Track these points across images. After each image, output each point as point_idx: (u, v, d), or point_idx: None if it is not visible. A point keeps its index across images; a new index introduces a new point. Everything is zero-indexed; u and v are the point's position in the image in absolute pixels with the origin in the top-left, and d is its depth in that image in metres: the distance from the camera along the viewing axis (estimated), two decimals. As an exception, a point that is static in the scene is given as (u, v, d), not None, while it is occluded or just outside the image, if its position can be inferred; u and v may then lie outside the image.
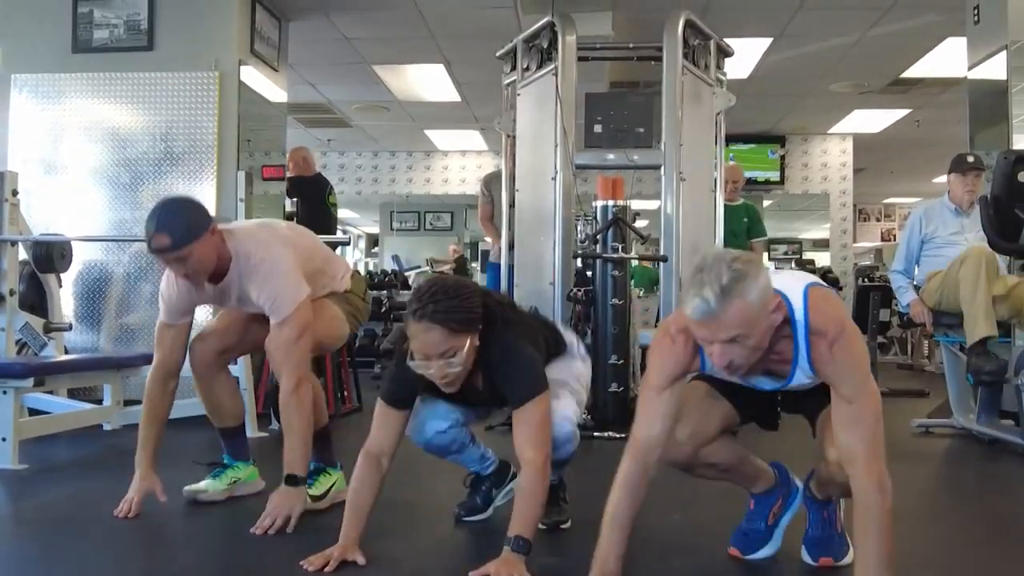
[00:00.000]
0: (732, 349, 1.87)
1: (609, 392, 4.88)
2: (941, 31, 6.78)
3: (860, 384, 1.93)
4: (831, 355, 1.94)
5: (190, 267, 2.66)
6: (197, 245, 2.63)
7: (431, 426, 2.65)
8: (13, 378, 3.60)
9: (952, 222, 4.86)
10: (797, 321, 1.97)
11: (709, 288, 1.80)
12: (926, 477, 3.96)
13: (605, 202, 5.03)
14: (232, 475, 3.10)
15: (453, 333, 2.25)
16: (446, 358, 2.27)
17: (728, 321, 1.82)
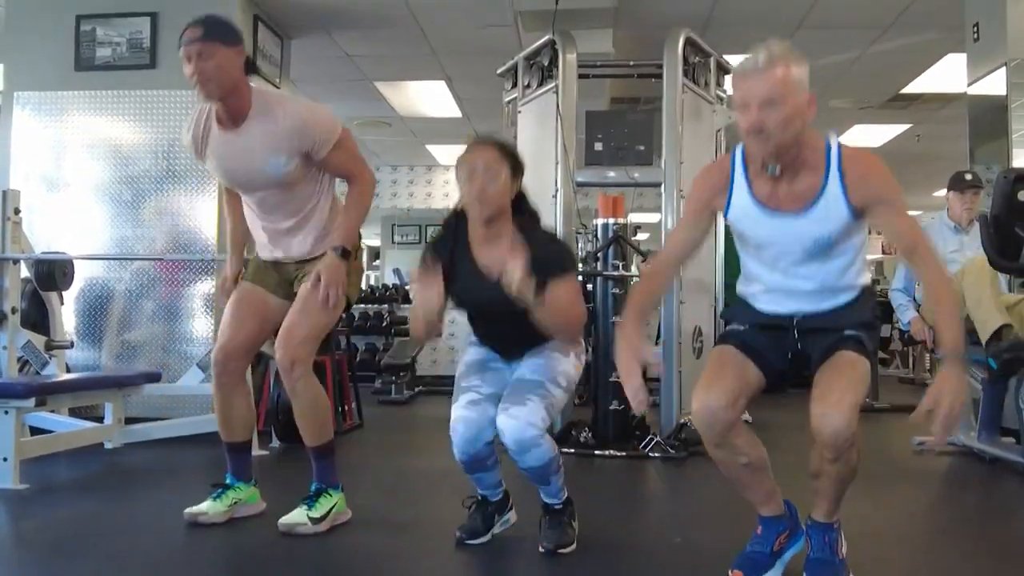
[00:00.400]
0: (766, 112, 2.07)
1: (610, 410, 4.89)
2: (941, 48, 6.79)
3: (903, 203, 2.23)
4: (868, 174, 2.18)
5: (211, 67, 2.71)
6: (225, 50, 2.73)
7: (483, 437, 2.63)
8: (15, 398, 3.61)
9: (952, 239, 4.88)
10: (831, 149, 2.20)
11: (762, 53, 2.09)
12: (927, 497, 3.95)
13: (606, 220, 5.05)
14: (233, 496, 3.10)
15: (502, 156, 2.62)
16: (490, 175, 2.58)
17: (769, 78, 2.06)
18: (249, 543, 2.76)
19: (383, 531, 2.51)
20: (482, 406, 2.63)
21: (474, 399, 2.65)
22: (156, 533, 2.90)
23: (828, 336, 2.29)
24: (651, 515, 3.73)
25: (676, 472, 4.43)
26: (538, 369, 2.67)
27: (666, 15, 6.08)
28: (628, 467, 4.54)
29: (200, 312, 5.57)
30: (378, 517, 3.20)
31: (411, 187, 11.55)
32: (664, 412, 5.03)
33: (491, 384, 2.70)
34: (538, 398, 2.58)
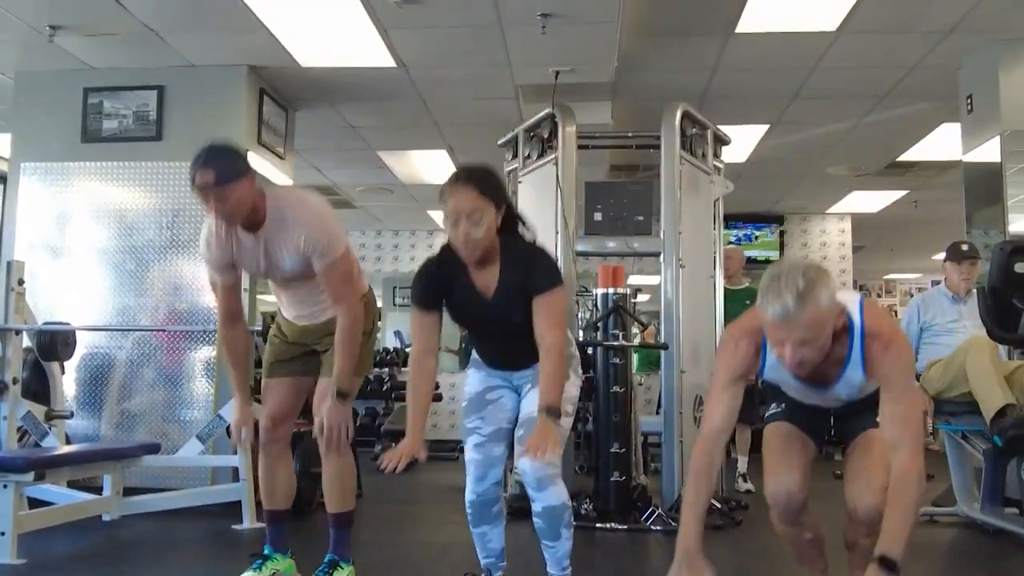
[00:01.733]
0: (802, 349, 2.14)
1: (611, 482, 4.86)
2: (935, 117, 6.89)
3: (908, 385, 2.25)
4: (884, 355, 2.22)
5: (229, 205, 2.77)
6: (238, 185, 2.77)
7: (491, 475, 2.81)
8: (14, 472, 3.61)
9: (950, 309, 4.90)
10: (855, 324, 2.26)
11: (788, 293, 2.08)
12: (930, 571, 3.90)
13: (606, 290, 5.08)
14: (272, 567, 3.17)
15: (483, 196, 2.59)
16: (472, 219, 2.57)
17: (803, 322, 2.10)
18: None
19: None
20: (487, 447, 2.82)
21: (478, 442, 2.84)
22: None
23: (864, 417, 2.46)
24: None
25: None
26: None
27: (663, 88, 6.18)
28: (630, 540, 4.50)
29: (200, 382, 5.58)
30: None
31: (412, 251, 11.63)
32: (665, 483, 5.01)
33: (491, 422, 2.85)
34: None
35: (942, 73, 5.88)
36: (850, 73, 6.02)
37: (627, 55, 5.63)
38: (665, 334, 5.14)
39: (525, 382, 2.83)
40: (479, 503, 2.81)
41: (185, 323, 5.55)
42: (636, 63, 5.82)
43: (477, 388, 2.91)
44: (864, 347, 2.25)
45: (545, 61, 5.66)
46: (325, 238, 2.91)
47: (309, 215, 2.93)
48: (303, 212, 2.93)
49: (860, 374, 2.29)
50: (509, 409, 2.87)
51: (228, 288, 3.08)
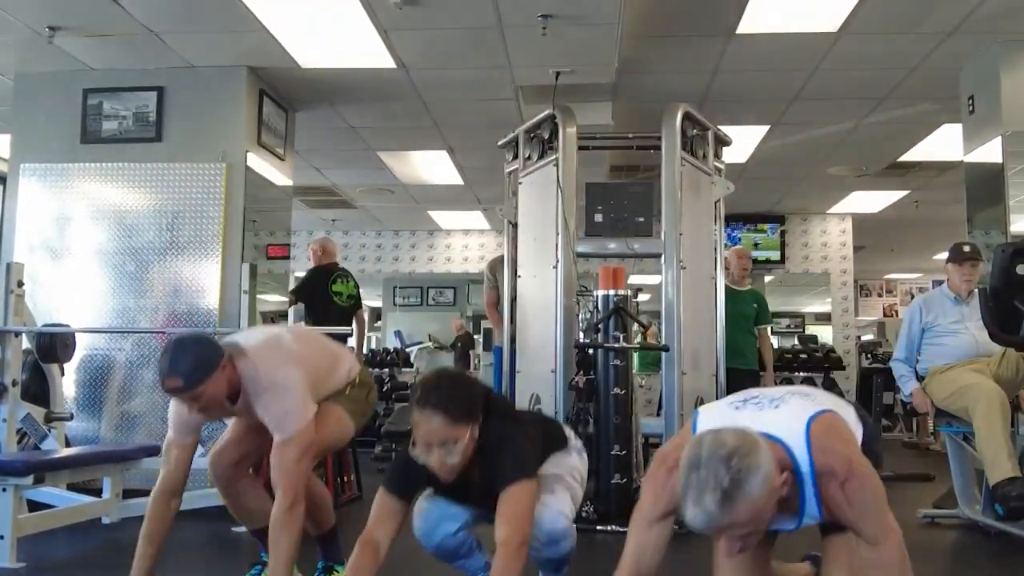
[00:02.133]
0: (740, 540, 1.85)
1: (612, 483, 4.85)
2: (936, 118, 6.89)
3: (881, 524, 1.91)
4: (845, 496, 1.91)
5: (203, 404, 2.73)
6: (209, 383, 2.69)
7: (442, 529, 2.69)
8: (14, 475, 3.61)
9: (952, 311, 4.89)
10: (803, 472, 1.93)
11: (710, 495, 1.75)
12: (932, 573, 3.90)
13: (606, 291, 5.06)
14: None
15: (454, 422, 2.38)
16: (446, 447, 2.39)
17: (735, 522, 1.78)
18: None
19: None
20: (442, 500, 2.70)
21: (430, 494, 2.72)
22: None
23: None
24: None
25: (679, 548, 4.35)
26: (557, 464, 2.72)
27: (664, 89, 6.19)
28: (630, 542, 4.49)
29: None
30: None
31: (413, 251, 11.64)
32: (666, 485, 5.00)
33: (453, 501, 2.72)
34: (563, 488, 2.65)
35: (943, 74, 5.88)
36: (851, 74, 6.01)
37: (628, 56, 5.63)
38: (666, 336, 5.13)
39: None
40: (437, 553, 2.74)
41: (185, 325, 5.55)
42: (637, 64, 5.82)
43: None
44: (819, 492, 1.96)
45: (545, 62, 5.66)
46: (281, 415, 2.82)
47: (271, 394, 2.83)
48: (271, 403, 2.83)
49: (820, 517, 2.01)
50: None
51: (185, 448, 2.94)
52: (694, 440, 1.85)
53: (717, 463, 1.75)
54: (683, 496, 1.81)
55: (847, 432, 2.04)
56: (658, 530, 2.07)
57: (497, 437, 2.51)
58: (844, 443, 1.99)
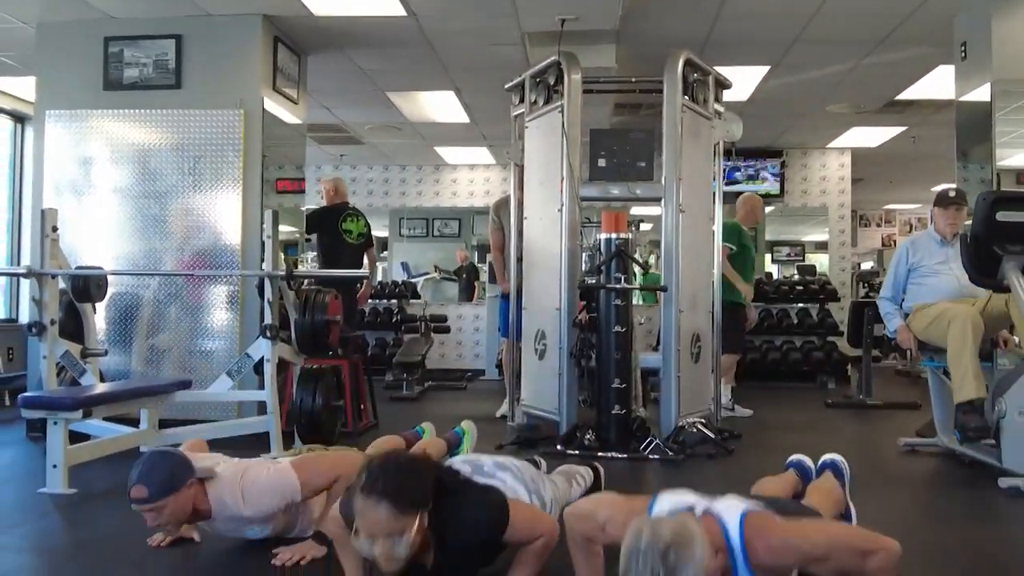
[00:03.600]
0: None
1: (612, 414, 5.17)
2: (932, 60, 7.04)
3: (824, 545, 2.07)
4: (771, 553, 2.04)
5: (164, 517, 2.80)
6: (173, 498, 2.76)
7: None
8: (63, 410, 3.92)
9: (937, 252, 5.13)
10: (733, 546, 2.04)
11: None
12: (907, 500, 4.23)
13: (608, 235, 5.31)
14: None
15: (401, 512, 2.21)
16: (392, 538, 2.21)
17: None
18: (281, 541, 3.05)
19: None
20: None
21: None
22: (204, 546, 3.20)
23: None
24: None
25: (674, 473, 4.72)
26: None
27: (666, 34, 6.35)
28: (629, 468, 4.83)
29: (223, 318, 5.87)
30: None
31: (419, 186, 11.82)
32: (663, 415, 5.34)
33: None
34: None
35: (939, 19, 6.03)
36: (849, 19, 6.17)
37: (631, 2, 5.77)
38: (665, 276, 5.40)
39: None
40: None
41: (209, 262, 5.83)
42: (640, 9, 5.96)
43: None
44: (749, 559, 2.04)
45: (551, 9, 5.82)
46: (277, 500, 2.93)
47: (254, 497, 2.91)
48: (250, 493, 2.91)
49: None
50: None
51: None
52: (635, 530, 1.93)
53: (655, 556, 1.85)
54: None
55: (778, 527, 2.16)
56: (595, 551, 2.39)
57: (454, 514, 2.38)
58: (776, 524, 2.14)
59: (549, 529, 2.51)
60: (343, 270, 6.41)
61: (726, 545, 2.04)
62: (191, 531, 3.15)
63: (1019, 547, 3.39)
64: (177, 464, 2.83)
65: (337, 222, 6.75)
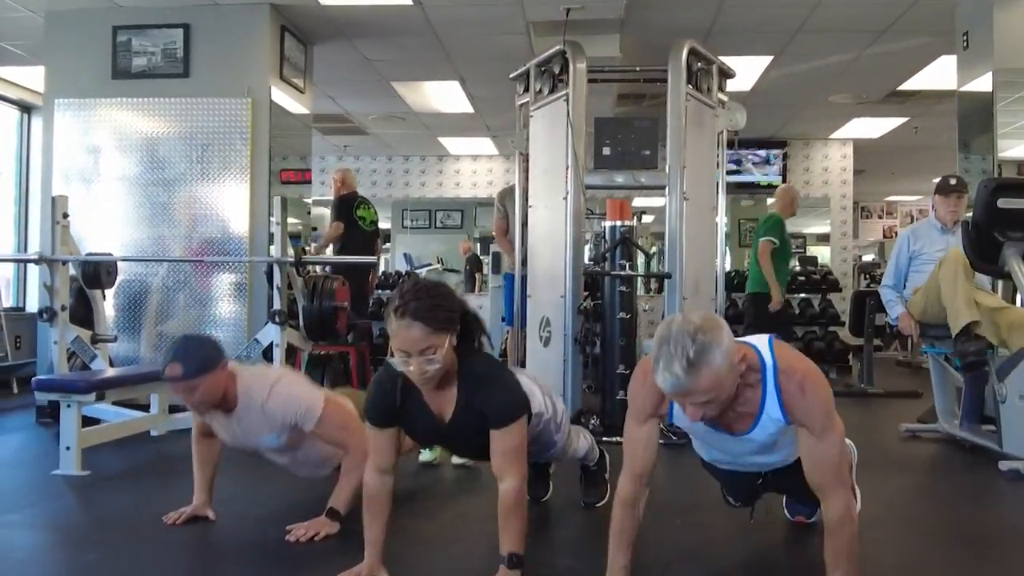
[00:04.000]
0: (704, 407, 2.10)
1: (617, 400, 5.23)
2: (934, 50, 7.09)
3: (828, 421, 2.20)
4: (801, 394, 2.18)
5: (197, 397, 2.94)
6: (207, 378, 2.91)
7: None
8: (76, 393, 3.97)
9: (938, 240, 5.18)
10: (766, 364, 2.21)
11: (677, 363, 2.00)
12: (907, 484, 4.28)
13: (613, 223, 5.36)
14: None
15: (433, 331, 2.36)
16: (426, 355, 2.37)
17: (699, 388, 2.04)
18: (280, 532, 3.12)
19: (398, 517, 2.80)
20: None
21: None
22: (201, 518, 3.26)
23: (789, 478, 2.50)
24: (653, 498, 4.07)
25: (676, 456, 4.77)
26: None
27: (670, 23, 6.41)
28: (633, 453, 4.89)
29: (230, 304, 5.93)
30: (416, 500, 3.54)
31: (423, 176, 11.87)
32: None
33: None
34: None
35: (940, 9, 6.09)
36: (852, 9, 6.22)
37: (636, -8, 5.84)
38: (668, 263, 5.44)
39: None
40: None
41: (216, 250, 5.88)
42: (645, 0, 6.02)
43: None
44: (779, 386, 2.20)
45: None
46: (300, 410, 3.04)
47: (277, 396, 3.03)
48: (272, 393, 3.03)
49: (779, 414, 2.23)
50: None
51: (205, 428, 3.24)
52: (665, 321, 2.10)
53: (684, 337, 2.01)
54: (655, 366, 2.05)
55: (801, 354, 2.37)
56: (647, 429, 2.34)
57: (486, 370, 2.56)
58: (800, 355, 2.32)
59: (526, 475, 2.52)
60: (352, 256, 6.47)
61: (759, 363, 2.20)
62: (206, 509, 3.21)
63: (1017, 527, 3.45)
64: (211, 347, 3.01)
65: (351, 210, 6.84)
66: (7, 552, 2.84)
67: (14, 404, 6.73)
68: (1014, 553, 3.07)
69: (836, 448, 2.20)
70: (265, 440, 3.14)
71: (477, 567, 2.63)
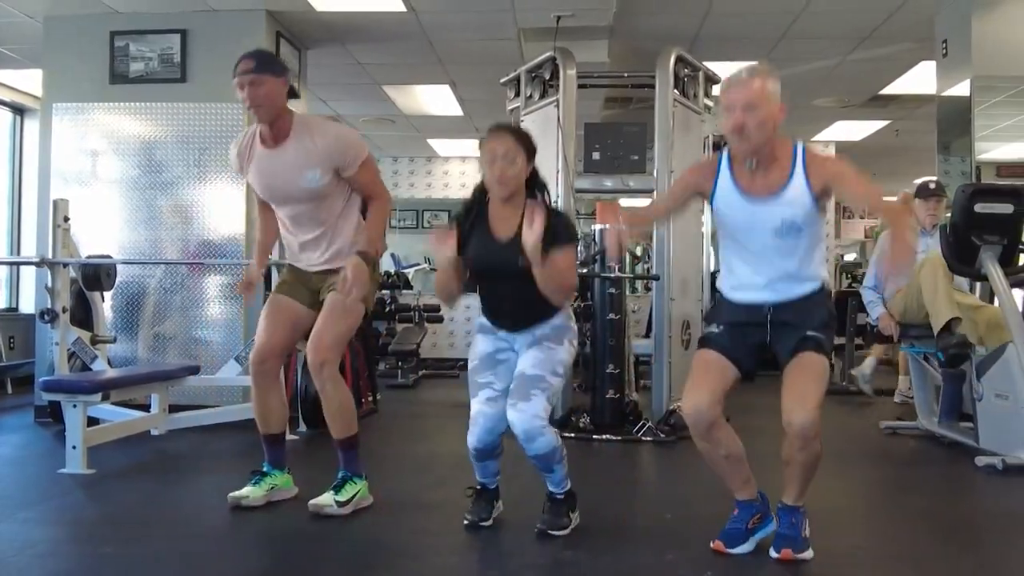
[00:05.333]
0: (747, 115, 2.63)
1: (606, 398, 5.37)
2: (915, 56, 7.25)
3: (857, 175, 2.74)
4: (825, 163, 2.77)
5: (262, 93, 3.21)
6: (273, 80, 3.22)
7: (498, 428, 3.05)
8: (82, 393, 4.08)
9: (918, 241, 5.33)
10: (797, 147, 2.77)
11: (743, 69, 2.68)
12: (887, 478, 4.45)
13: (603, 226, 5.49)
14: (270, 482, 3.52)
15: (518, 143, 3.01)
16: (508, 160, 2.98)
17: (751, 88, 2.64)
18: (282, 523, 3.22)
19: (403, 513, 2.93)
20: (499, 402, 3.01)
21: (491, 396, 3.04)
22: (205, 512, 3.40)
23: (793, 335, 2.76)
24: (644, 494, 4.22)
25: (666, 455, 4.92)
26: (538, 363, 3.04)
27: (658, 29, 6.54)
28: (623, 450, 5.03)
29: (226, 307, 6.02)
30: (398, 500, 3.61)
31: (412, 177, 11.96)
32: (655, 399, 5.54)
33: (503, 379, 3.06)
34: (540, 392, 2.98)
35: (921, 17, 6.24)
36: (834, 17, 6.37)
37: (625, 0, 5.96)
38: (656, 266, 5.60)
39: (525, 345, 3.08)
40: (484, 450, 3.11)
41: (213, 252, 5.98)
42: (633, 7, 6.14)
43: (488, 349, 3.15)
44: (806, 162, 2.72)
45: (547, 6, 5.98)
46: (351, 148, 3.36)
47: (332, 129, 3.38)
48: (327, 127, 3.38)
49: (806, 190, 2.71)
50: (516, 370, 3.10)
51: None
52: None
53: (752, 65, 2.71)
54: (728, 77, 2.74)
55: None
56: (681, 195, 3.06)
57: (550, 207, 3.11)
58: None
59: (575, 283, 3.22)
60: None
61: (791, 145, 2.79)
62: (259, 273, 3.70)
63: (993, 518, 3.59)
64: (280, 60, 3.42)
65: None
66: (27, 546, 2.95)
67: (10, 404, 6.82)
68: (991, 543, 3.22)
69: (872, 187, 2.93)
70: (305, 178, 3.32)
71: None
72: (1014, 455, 4.24)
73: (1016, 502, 3.85)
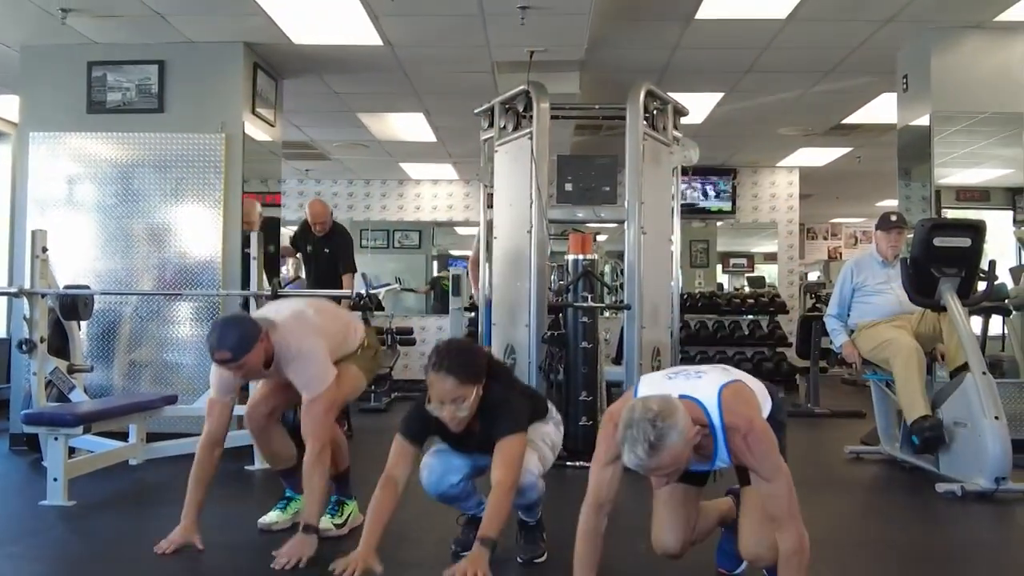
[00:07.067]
0: (666, 477, 2.51)
1: (580, 425, 5.47)
2: (876, 88, 7.48)
3: (773, 467, 2.51)
4: (746, 446, 2.51)
5: (245, 371, 3.33)
6: (251, 355, 3.25)
7: (446, 480, 3.24)
8: (64, 426, 4.12)
9: (880, 272, 5.51)
10: (715, 425, 2.55)
11: (640, 446, 2.33)
12: (851, 503, 4.60)
13: (576, 256, 5.62)
14: (295, 507, 3.77)
15: (463, 383, 2.91)
16: (456, 403, 2.92)
17: (660, 465, 2.38)
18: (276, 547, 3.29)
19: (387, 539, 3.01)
20: (445, 456, 3.24)
21: (439, 449, 3.27)
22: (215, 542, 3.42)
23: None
24: (616, 524, 4.30)
25: (638, 483, 4.98)
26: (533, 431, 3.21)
27: (628, 62, 6.72)
28: (596, 476, 5.12)
29: (203, 333, 6.05)
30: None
31: (383, 200, 12.03)
32: (627, 426, 5.64)
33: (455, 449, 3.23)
34: (533, 450, 3.16)
35: (882, 52, 6.45)
36: (799, 52, 6.57)
37: (595, 35, 6.09)
38: (627, 295, 5.71)
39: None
40: (440, 498, 3.29)
41: (190, 280, 6.02)
42: (604, 42, 6.30)
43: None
44: (727, 441, 2.53)
45: (521, 42, 6.13)
46: (309, 378, 3.39)
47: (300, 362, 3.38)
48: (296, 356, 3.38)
49: (728, 462, 2.61)
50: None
51: (226, 406, 3.51)
52: (628, 406, 2.43)
53: (645, 424, 2.34)
54: (621, 447, 2.39)
55: (751, 398, 2.69)
56: (611, 470, 2.64)
57: (497, 398, 3.04)
58: (747, 406, 2.62)
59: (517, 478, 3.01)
60: (328, 290, 6.58)
61: (708, 422, 2.54)
62: (194, 535, 3.38)
63: (953, 544, 3.75)
64: (248, 325, 3.34)
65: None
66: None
67: (-18, 431, 6.77)
68: (951, 570, 3.36)
69: (784, 488, 2.51)
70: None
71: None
72: (973, 482, 4.41)
73: (974, 529, 4.01)
